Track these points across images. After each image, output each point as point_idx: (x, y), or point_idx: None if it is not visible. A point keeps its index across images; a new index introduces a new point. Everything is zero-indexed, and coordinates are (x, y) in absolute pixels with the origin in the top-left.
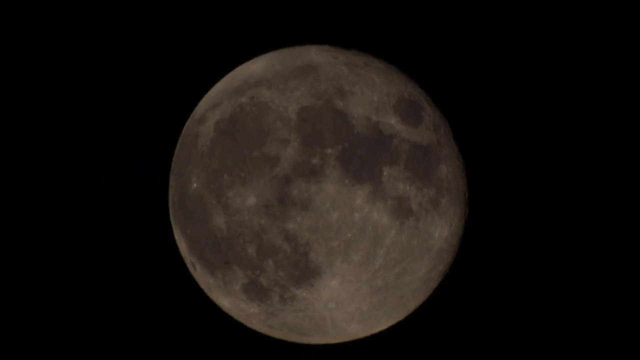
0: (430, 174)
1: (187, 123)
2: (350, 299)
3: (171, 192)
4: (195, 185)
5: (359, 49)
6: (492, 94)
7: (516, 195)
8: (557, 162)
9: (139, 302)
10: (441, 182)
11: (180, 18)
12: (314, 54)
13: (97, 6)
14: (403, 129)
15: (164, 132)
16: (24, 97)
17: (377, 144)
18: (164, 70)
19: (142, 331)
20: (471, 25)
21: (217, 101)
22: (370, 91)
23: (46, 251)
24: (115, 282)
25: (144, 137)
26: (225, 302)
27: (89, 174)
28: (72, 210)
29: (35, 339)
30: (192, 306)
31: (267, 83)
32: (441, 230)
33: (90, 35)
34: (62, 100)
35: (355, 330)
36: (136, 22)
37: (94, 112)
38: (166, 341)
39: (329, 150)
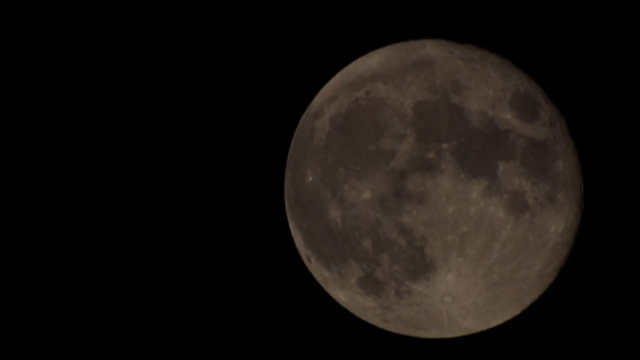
0: (546, 169)
1: (303, 117)
2: (466, 293)
3: (287, 186)
4: (311, 178)
5: (474, 43)
6: (608, 89)
7: (632, 192)
8: None
9: (254, 294)
10: (557, 177)
11: (298, 12)
12: (430, 48)
13: None
14: (519, 124)
15: (281, 125)
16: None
17: (493, 139)
18: (282, 63)
19: (260, 323)
20: (588, 20)
21: (333, 95)
22: (486, 86)
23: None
24: (227, 274)
25: (260, 130)
26: (341, 295)
27: (206, 165)
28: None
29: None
30: (307, 299)
31: (383, 78)
32: (557, 225)
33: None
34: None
35: (471, 324)
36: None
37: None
38: (281, 334)
39: (444, 145)
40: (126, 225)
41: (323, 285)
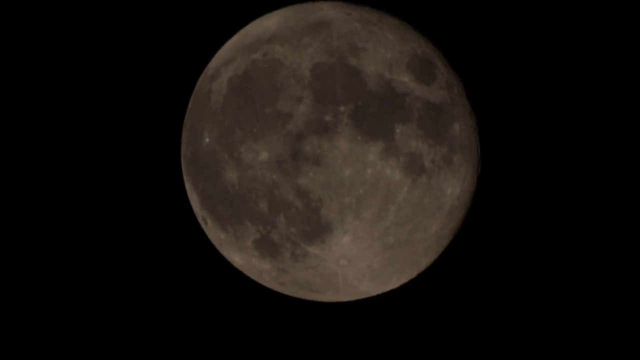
0: (442, 132)
1: (200, 79)
2: (362, 255)
3: (184, 147)
4: (207, 140)
5: (372, 5)
6: (506, 53)
7: (528, 155)
8: (571, 123)
9: (148, 257)
10: (454, 140)
11: None
12: (327, 10)
13: None
14: (416, 86)
15: (177, 88)
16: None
17: (390, 102)
18: (177, 26)
19: (151, 287)
20: None
21: (230, 57)
22: (383, 48)
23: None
24: (122, 236)
25: (156, 92)
26: (237, 258)
27: (101, 128)
28: (81, 162)
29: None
30: (203, 262)
31: (280, 39)
32: (453, 188)
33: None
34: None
35: (367, 287)
36: None
37: (103, 69)
38: (177, 297)
39: (341, 108)
40: (138, 179)
41: (219, 247)
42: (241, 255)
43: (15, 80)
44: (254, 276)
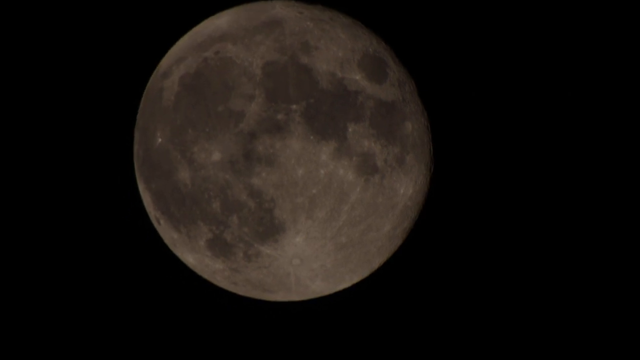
0: (395, 131)
1: (151, 78)
2: (315, 255)
3: (136, 147)
4: (160, 139)
5: (324, 3)
6: (458, 50)
7: (481, 153)
8: (522, 121)
9: (101, 257)
10: (406, 139)
11: None
12: (279, 8)
13: None
14: (368, 85)
15: (129, 87)
16: None
17: (342, 100)
18: (128, 25)
19: (104, 287)
20: None
21: (181, 56)
22: (335, 47)
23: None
24: (74, 237)
25: (108, 91)
26: (190, 258)
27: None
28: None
29: None
30: (156, 262)
31: (232, 38)
32: (406, 187)
33: None
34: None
35: (320, 287)
36: None
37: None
38: (130, 297)
39: (293, 106)
40: (89, 179)
41: (172, 247)
42: (194, 255)
43: None
44: (206, 276)
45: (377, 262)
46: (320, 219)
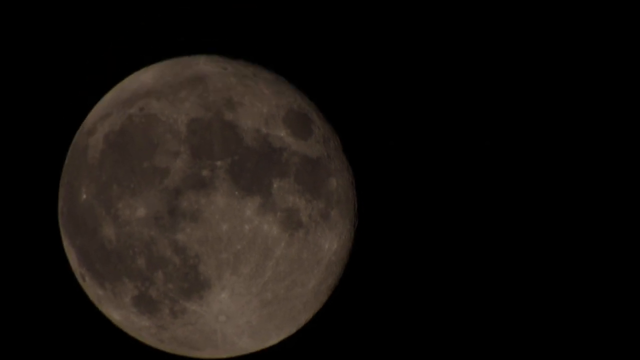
0: (320, 187)
1: (76, 134)
2: (241, 312)
3: (60, 203)
4: (85, 196)
5: (247, 59)
6: (383, 107)
7: (405, 207)
8: (447, 174)
9: (25, 314)
10: (331, 194)
11: (67, 28)
12: (203, 64)
13: None
14: (293, 141)
15: (53, 143)
16: None
17: (267, 157)
18: (53, 81)
19: (29, 344)
20: (360, 38)
21: (106, 113)
22: (259, 103)
23: None
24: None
25: (32, 148)
26: (115, 315)
27: None
28: None
29: None
30: (81, 319)
31: (157, 94)
32: (331, 243)
33: None
34: None
35: (246, 344)
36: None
37: None
38: (54, 355)
39: (218, 163)
40: (14, 236)
41: (97, 304)
42: (120, 312)
43: None
44: (133, 333)
45: (303, 318)
46: (245, 275)
